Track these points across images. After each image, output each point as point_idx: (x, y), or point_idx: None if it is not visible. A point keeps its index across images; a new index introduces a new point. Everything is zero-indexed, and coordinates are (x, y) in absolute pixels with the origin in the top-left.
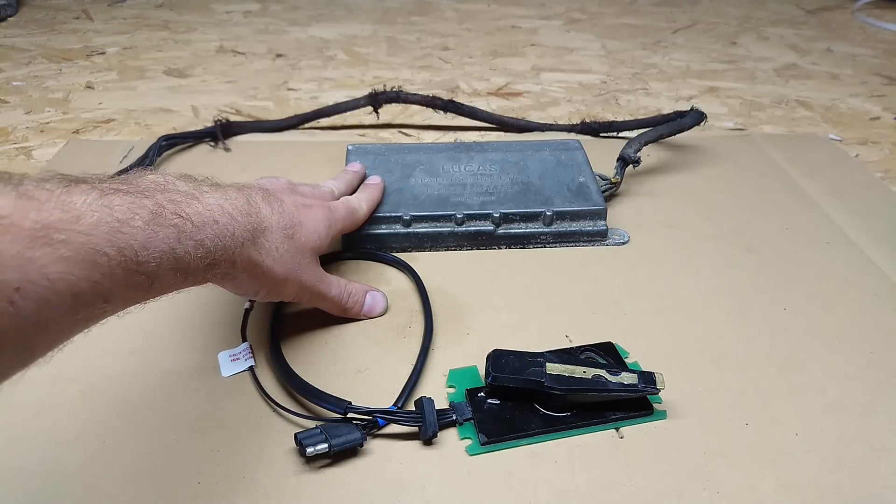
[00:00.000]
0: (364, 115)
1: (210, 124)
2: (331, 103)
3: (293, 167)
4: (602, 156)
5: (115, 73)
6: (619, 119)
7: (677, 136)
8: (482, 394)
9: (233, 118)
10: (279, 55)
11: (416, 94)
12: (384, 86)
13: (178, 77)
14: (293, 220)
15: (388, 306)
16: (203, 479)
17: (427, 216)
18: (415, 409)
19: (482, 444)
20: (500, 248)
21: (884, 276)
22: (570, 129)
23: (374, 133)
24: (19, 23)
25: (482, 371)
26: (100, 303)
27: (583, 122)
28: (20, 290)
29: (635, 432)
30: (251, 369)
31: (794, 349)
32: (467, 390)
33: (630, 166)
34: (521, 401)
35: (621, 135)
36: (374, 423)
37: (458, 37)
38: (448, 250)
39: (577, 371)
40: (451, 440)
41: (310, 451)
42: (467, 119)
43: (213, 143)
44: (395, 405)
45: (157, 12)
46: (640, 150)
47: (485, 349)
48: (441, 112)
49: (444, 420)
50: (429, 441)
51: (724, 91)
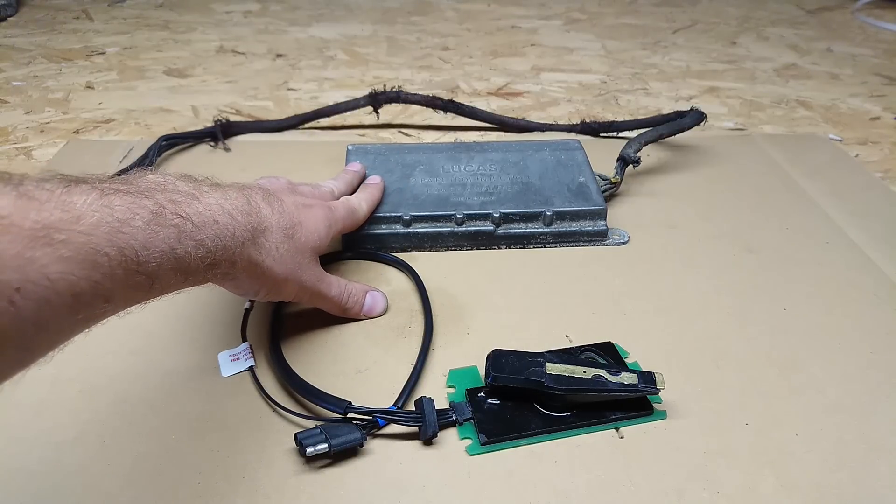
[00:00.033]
0: (364, 115)
1: (210, 124)
2: (331, 103)
3: (293, 167)
4: (602, 156)
5: (115, 73)
6: (619, 119)
7: (677, 136)
8: (482, 394)
9: (233, 118)
10: (279, 55)
11: (416, 94)
12: (384, 86)
13: (178, 77)
14: (293, 219)
15: (388, 306)
16: (203, 479)
17: (427, 216)
18: (415, 409)
19: (482, 444)
20: (500, 248)
21: (884, 276)
22: (570, 129)
23: (374, 133)
24: (19, 23)
25: (482, 371)
26: (100, 303)
27: (583, 122)
28: (20, 290)
29: (635, 432)
30: (251, 369)
31: (794, 349)
32: (467, 390)
33: (630, 166)
34: (521, 401)
35: (621, 135)
36: (374, 423)
37: (458, 37)
38: (448, 250)
39: (577, 371)
40: (451, 440)
41: (310, 451)
42: (467, 119)
43: (213, 143)
44: (395, 405)
45: (157, 12)
46: (640, 150)
47: (485, 349)
48: (441, 112)
49: (444, 420)
50: (429, 441)
51: (724, 91)
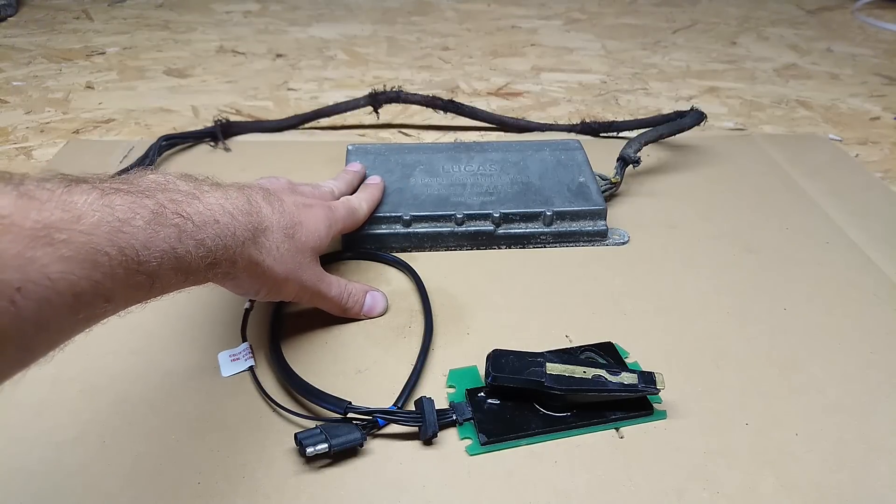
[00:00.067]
0: (364, 115)
1: (210, 124)
2: (331, 103)
3: (293, 167)
4: (602, 156)
5: (115, 73)
6: (619, 119)
7: (677, 136)
8: (482, 394)
9: (233, 118)
10: (279, 55)
11: (416, 94)
12: (384, 86)
13: (178, 77)
14: (294, 219)
15: (388, 306)
16: (203, 479)
17: (427, 216)
18: (415, 409)
19: (482, 444)
20: (500, 248)
21: (884, 276)
22: (570, 129)
23: (374, 133)
24: (19, 23)
25: (482, 371)
26: (101, 302)
27: (583, 122)
28: (21, 289)
29: (635, 432)
30: (251, 369)
31: (794, 349)
32: (467, 390)
33: (630, 166)
34: (521, 401)
35: (621, 135)
36: (374, 423)
37: (458, 37)
38: (448, 250)
39: (577, 371)
40: (451, 440)
41: (310, 451)
42: (467, 119)
43: (213, 143)
44: (395, 405)
45: (157, 12)
46: (640, 150)
47: (485, 349)
48: (441, 112)
49: (444, 420)
50: (429, 441)
51: (724, 91)
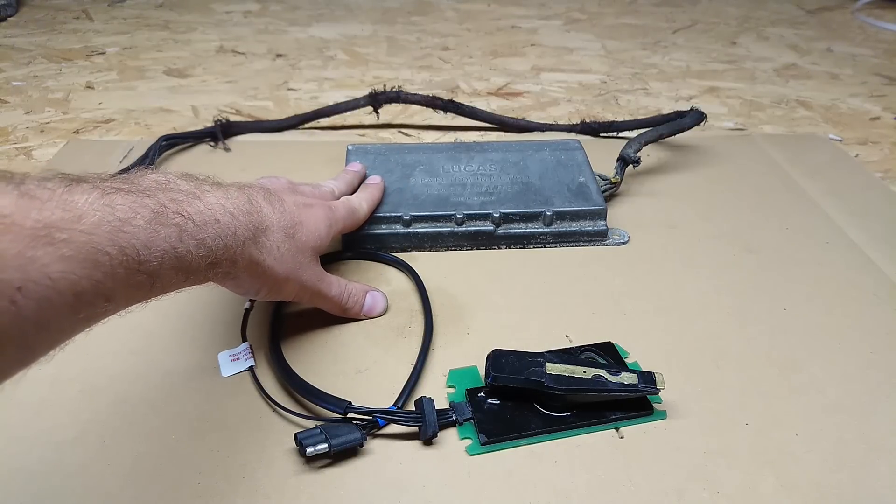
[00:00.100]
0: (364, 115)
1: (210, 124)
2: (331, 103)
3: (293, 167)
4: (602, 156)
5: (115, 73)
6: (619, 119)
7: (677, 136)
8: (482, 394)
9: (233, 118)
10: (279, 55)
11: (416, 94)
12: (384, 86)
13: (178, 77)
14: (294, 219)
15: (388, 306)
16: (203, 479)
17: (427, 216)
18: (415, 409)
19: (482, 444)
20: (500, 248)
21: (884, 276)
22: (570, 129)
23: (374, 133)
24: (19, 23)
25: (482, 371)
26: (101, 302)
27: (583, 122)
28: (22, 289)
29: (635, 432)
30: (251, 369)
31: (794, 349)
32: (467, 390)
33: (630, 166)
34: (521, 401)
35: (621, 135)
36: (374, 423)
37: (458, 37)
38: (448, 250)
39: (577, 371)
40: (451, 440)
41: (310, 451)
42: (467, 119)
43: (213, 143)
44: (395, 405)
45: (157, 12)
46: (640, 150)
47: (485, 349)
48: (441, 112)
49: (444, 420)
50: (429, 441)
51: (724, 91)
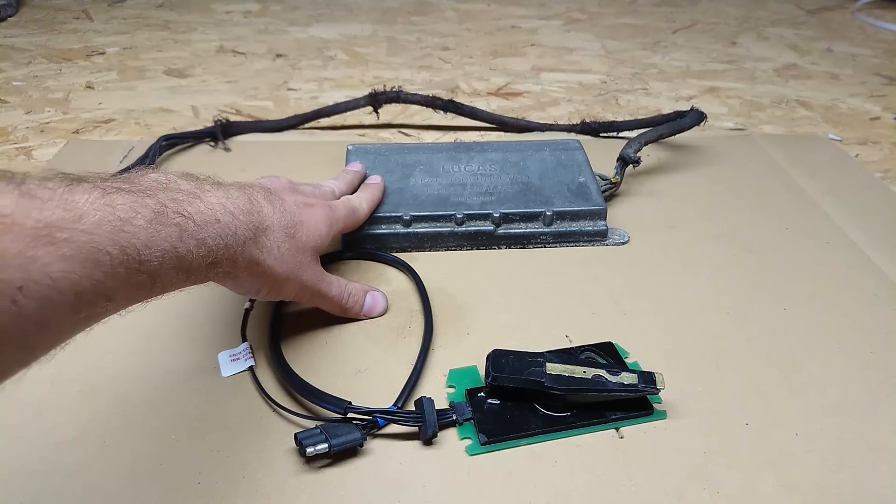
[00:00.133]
0: (364, 115)
1: (210, 124)
2: (331, 103)
3: (293, 167)
4: (602, 156)
5: (115, 73)
6: (619, 119)
7: (677, 136)
8: (482, 394)
9: (233, 118)
10: (279, 55)
11: (416, 94)
12: (384, 86)
13: (178, 77)
14: (294, 219)
15: (388, 306)
16: (203, 479)
17: (427, 216)
18: (415, 409)
19: (482, 444)
20: (500, 248)
21: (884, 276)
22: (570, 129)
23: (374, 133)
24: (19, 23)
25: (482, 371)
26: (102, 301)
27: (583, 122)
28: (22, 288)
29: (635, 432)
30: (251, 369)
31: (794, 349)
32: (467, 390)
33: (630, 166)
34: (521, 401)
35: (621, 135)
36: (374, 423)
37: (458, 37)
38: (448, 250)
39: (577, 371)
40: (451, 440)
41: (310, 451)
42: (467, 119)
43: (213, 143)
44: (395, 405)
45: (157, 12)
46: (640, 150)
47: (485, 349)
48: (441, 112)
49: (444, 420)
50: (429, 441)
51: (724, 91)
